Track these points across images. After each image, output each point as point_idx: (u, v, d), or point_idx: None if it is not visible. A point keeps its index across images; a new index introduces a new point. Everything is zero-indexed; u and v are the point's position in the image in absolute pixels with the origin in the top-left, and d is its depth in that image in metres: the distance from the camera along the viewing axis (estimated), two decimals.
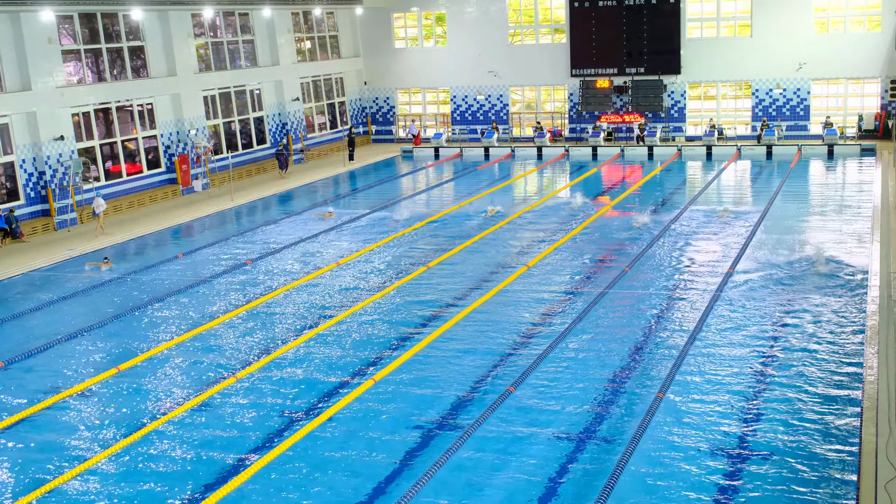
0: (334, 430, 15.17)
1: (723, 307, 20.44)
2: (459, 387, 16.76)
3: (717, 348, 18.04)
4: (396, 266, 25.38)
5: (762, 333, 18.80)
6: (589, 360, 17.85)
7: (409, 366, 17.82)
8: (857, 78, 43.52)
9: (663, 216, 30.00)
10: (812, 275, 22.43)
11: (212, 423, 15.68)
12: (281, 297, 22.88)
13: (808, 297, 20.84)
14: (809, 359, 17.26)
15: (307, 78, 47.46)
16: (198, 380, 17.67)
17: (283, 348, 19.02)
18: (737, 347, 18.07)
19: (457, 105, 50.18)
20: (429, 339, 19.09)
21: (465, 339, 19.20)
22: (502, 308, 21.16)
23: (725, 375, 16.71)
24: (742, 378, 16.62)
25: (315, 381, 17.40)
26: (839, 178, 37.82)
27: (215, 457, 14.47)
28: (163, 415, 16.03)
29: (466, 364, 17.84)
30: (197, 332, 20.37)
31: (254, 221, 32.68)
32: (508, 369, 17.48)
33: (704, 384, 16.37)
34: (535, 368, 17.27)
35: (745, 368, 17.04)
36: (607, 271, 24.01)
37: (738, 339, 18.54)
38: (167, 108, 38.06)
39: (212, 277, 24.85)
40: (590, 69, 46.68)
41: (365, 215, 32.10)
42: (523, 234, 28.80)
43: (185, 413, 16.07)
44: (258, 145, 43.91)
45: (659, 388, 16.14)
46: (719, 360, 17.41)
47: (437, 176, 42.17)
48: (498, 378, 17.08)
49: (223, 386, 17.14)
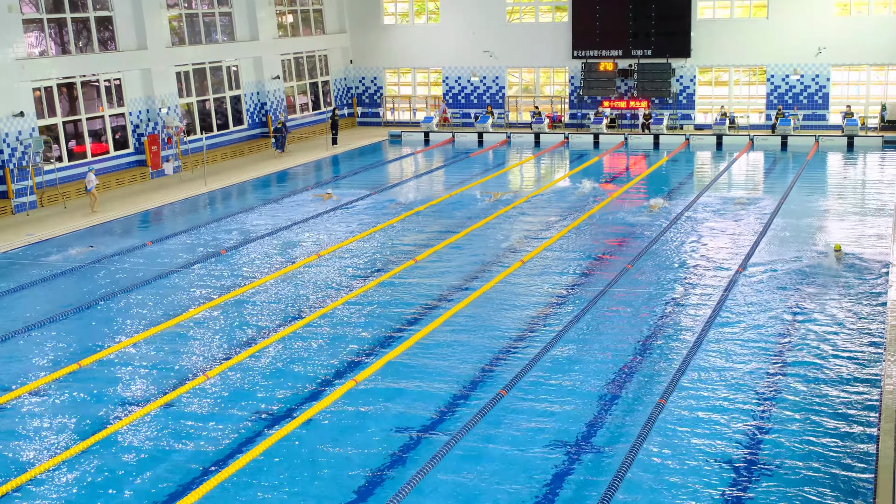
0: (312, 434, 15.10)
1: (731, 309, 20.40)
2: (447, 389, 16.69)
3: (724, 353, 18.01)
4: (383, 259, 25.32)
5: (771, 338, 18.77)
6: (586, 363, 17.80)
7: (390, 368, 17.74)
8: (881, 64, 43.55)
9: (669, 210, 29.95)
10: (826, 277, 22.41)
11: (177, 428, 15.58)
12: (256, 289, 22.79)
13: (822, 301, 20.82)
14: (823, 367, 17.24)
15: (288, 55, 47.31)
16: (163, 379, 17.56)
17: (256, 346, 18.93)
18: (745, 352, 18.03)
19: (449, 87, 50.08)
20: (415, 339, 19.02)
21: (454, 339, 19.12)
22: (494, 306, 21.08)
23: (732, 382, 16.67)
24: (750, 386, 16.57)
25: (292, 381, 17.31)
26: (859, 173, 37.84)
27: (181, 463, 14.38)
28: (122, 417, 15.92)
29: (455, 365, 17.78)
30: (165, 326, 20.27)
31: (229, 208, 32.59)
32: (500, 371, 17.41)
33: (710, 390, 16.34)
34: (528, 371, 17.21)
35: (753, 375, 17.01)
36: (608, 268, 23.98)
37: (747, 343, 18.50)
38: (136, 84, 37.87)
39: (183, 267, 24.75)
40: (593, 50, 46.63)
41: (348, 204, 32.00)
42: (518, 226, 28.74)
43: (148, 415, 15.96)
44: (234, 126, 43.78)
45: (661, 394, 16.11)
46: (726, 366, 17.37)
47: (427, 163, 42.09)
48: (489, 380, 17.02)
49: (191, 386, 17.04)
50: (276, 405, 16.31)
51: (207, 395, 16.77)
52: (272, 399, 16.55)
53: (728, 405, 15.77)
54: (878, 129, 42.87)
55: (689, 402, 15.88)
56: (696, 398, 16.05)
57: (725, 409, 15.65)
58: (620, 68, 46.31)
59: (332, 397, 16.37)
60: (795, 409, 15.55)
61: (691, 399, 16.01)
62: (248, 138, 44.24)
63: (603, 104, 46.44)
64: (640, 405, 15.90)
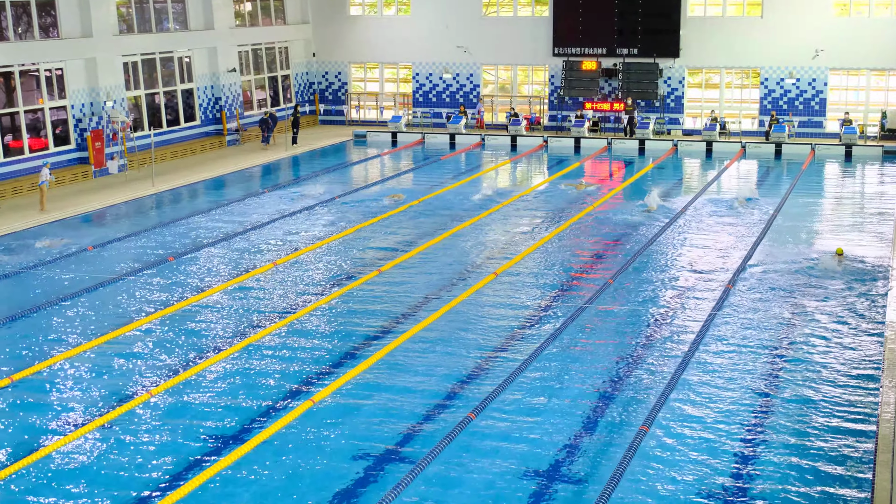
0: (263, 460, 15.02)
1: (719, 329, 20.49)
2: (413, 410, 16.66)
3: (711, 377, 18.07)
4: (344, 269, 25.28)
5: (760, 363, 18.86)
6: (562, 385, 17.82)
7: (351, 388, 17.69)
8: (882, 69, 43.96)
9: (654, 221, 30.08)
10: (817, 299, 22.56)
11: (116, 453, 15.46)
12: (205, 301, 22.68)
13: (815, 325, 20.97)
14: (815, 397, 17.35)
15: (246, 46, 47.19)
16: (101, 398, 17.42)
17: (204, 362, 18.82)
18: (732, 377, 18.12)
19: (420, 84, 50.12)
20: (379, 356, 18.98)
21: (421, 356, 19.10)
22: (465, 321, 21.08)
23: (721, 407, 16.74)
24: (738, 412, 16.65)
25: (244, 400, 17.22)
26: (857, 185, 38.13)
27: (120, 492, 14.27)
28: (56, 439, 15.76)
29: (423, 383, 17.75)
30: (105, 339, 20.11)
31: (178, 211, 32.44)
32: (470, 393, 17.40)
33: (695, 417, 16.39)
34: (501, 393, 17.20)
35: (741, 403, 17.09)
36: (587, 282, 24.03)
37: (734, 368, 18.58)
38: (80, 74, 37.65)
39: (127, 275, 24.59)
40: (575, 48, 46.80)
41: (307, 209, 31.92)
42: (492, 236, 28.79)
43: (82, 439, 15.82)
44: (186, 122, 43.58)
45: (643, 420, 16.14)
46: (713, 391, 17.43)
47: (395, 165, 42.06)
48: (457, 402, 17.00)
49: (132, 405, 16.90)
50: (225, 428, 16.19)
51: (149, 417, 16.62)
52: (221, 422, 16.43)
53: (714, 435, 15.81)
54: (878, 139, 43.20)
55: (673, 428, 15.93)
56: (682, 422, 16.11)
57: (711, 439, 15.69)
58: (604, 68, 46.46)
59: (286, 419, 16.29)
60: (785, 443, 15.64)
61: (675, 423, 16.07)
62: (200, 136, 44.07)
63: (585, 106, 46.59)
64: (620, 434, 15.93)
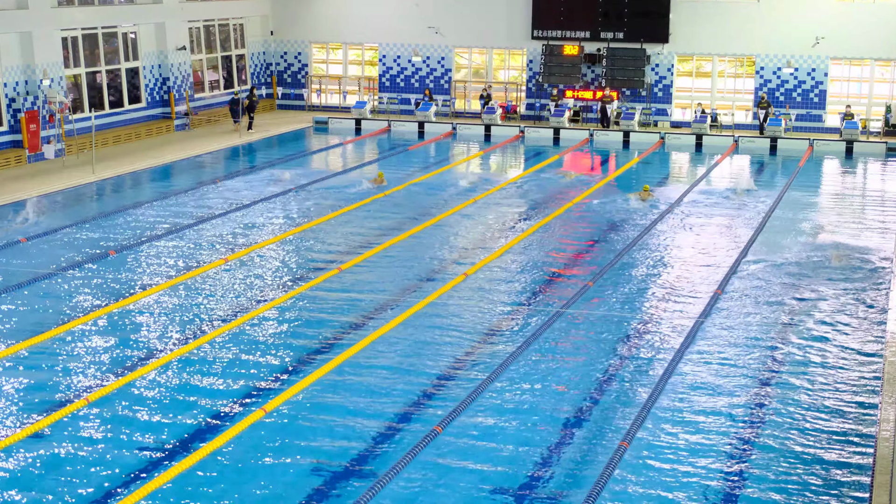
0: (212, 474, 14.91)
1: (705, 338, 20.54)
2: (375, 425, 16.60)
3: (695, 391, 18.11)
4: (301, 267, 25.27)
5: (749, 375, 18.92)
6: (537, 396, 17.81)
7: (304, 399, 17.63)
8: (886, 59, 44.20)
9: (638, 219, 30.14)
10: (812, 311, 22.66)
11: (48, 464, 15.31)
12: (147, 299, 22.57)
13: (810, 335, 21.06)
14: (809, 411, 17.39)
15: (198, 22, 46.95)
16: (32, 404, 17.25)
17: (146, 367, 18.70)
18: (719, 388, 18.16)
19: (387, 67, 49.99)
20: (335, 363, 18.90)
21: (381, 366, 19.06)
22: (430, 327, 21.06)
23: (706, 421, 16.78)
24: (724, 429, 16.69)
25: (186, 410, 17.11)
26: (858, 184, 38.33)
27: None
28: None
29: (386, 394, 17.71)
30: (37, 340, 19.95)
31: (121, 200, 32.32)
32: (437, 404, 17.36)
33: (679, 433, 16.40)
34: (469, 405, 17.15)
35: (728, 417, 17.13)
36: (565, 285, 24.04)
37: (721, 380, 18.62)
38: (13, 50, 37.35)
39: (63, 269, 24.46)
40: (556, 31, 46.80)
41: (261, 201, 31.81)
42: (462, 234, 28.81)
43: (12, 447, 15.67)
44: (130, 104, 43.33)
45: (623, 436, 16.11)
46: (697, 405, 17.47)
47: (358, 155, 42.04)
48: (423, 413, 16.95)
49: (66, 412, 16.76)
50: (164, 440, 16.07)
51: (85, 425, 16.49)
52: (160, 433, 16.31)
53: (700, 451, 15.84)
54: (882, 134, 43.41)
55: (656, 442, 15.93)
56: (665, 436, 16.12)
57: (694, 454, 15.71)
58: (587, 53, 46.50)
59: (234, 431, 16.18)
60: (775, 461, 15.67)
61: (658, 436, 16.07)
62: (146, 119, 43.82)
63: (566, 94, 46.59)
64: (598, 451, 15.90)
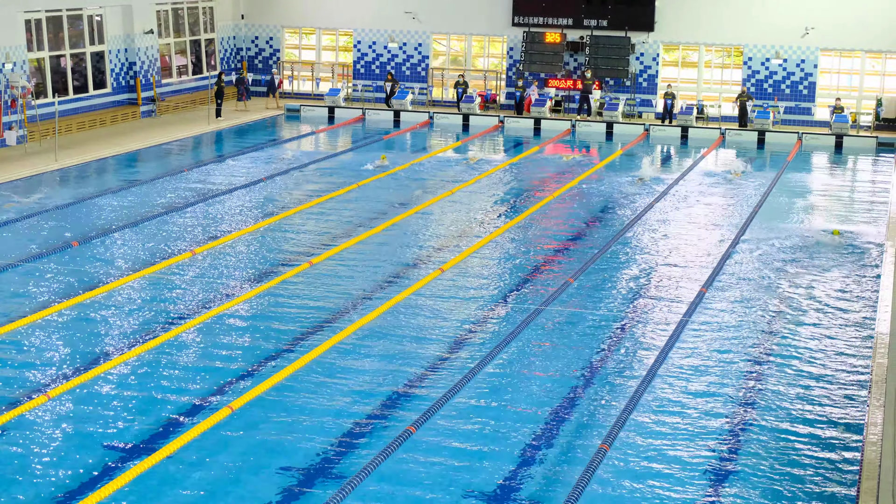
0: (176, 473, 14.88)
1: (690, 337, 20.61)
2: (346, 424, 16.60)
3: (679, 391, 18.17)
4: (268, 261, 25.24)
5: (734, 375, 19.01)
6: (513, 397, 17.82)
7: (278, 395, 17.62)
8: (878, 51, 44.34)
9: (618, 212, 30.23)
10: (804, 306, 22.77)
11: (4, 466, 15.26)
12: (111, 292, 22.49)
13: (797, 335, 21.15)
14: (796, 413, 17.47)
15: (165, 4, 46.77)
16: None
17: (105, 364, 18.62)
18: (703, 390, 18.23)
19: (362, 54, 49.92)
20: (298, 364, 18.84)
21: (348, 364, 19.07)
22: (402, 324, 21.09)
23: (688, 423, 16.84)
24: (709, 434, 16.74)
25: (147, 410, 17.08)
26: (847, 181, 38.47)
27: None
28: None
29: (357, 393, 17.72)
30: None
31: (84, 189, 32.27)
32: (409, 404, 17.36)
33: (660, 434, 16.45)
34: (443, 406, 17.15)
35: (712, 420, 17.20)
36: (544, 283, 24.06)
37: (706, 380, 18.69)
38: None
39: (23, 261, 24.38)
40: (537, 17, 46.81)
41: (228, 192, 31.75)
42: (435, 228, 28.81)
43: None
44: (96, 89, 43.12)
45: (603, 438, 16.14)
46: (681, 405, 17.54)
47: (331, 145, 41.98)
48: (395, 415, 16.96)
49: (23, 410, 16.67)
50: (128, 438, 16.03)
51: (39, 425, 16.42)
52: (123, 431, 16.28)
53: (683, 454, 15.90)
54: (872, 129, 43.49)
55: (639, 444, 15.98)
56: (649, 437, 16.16)
57: (678, 460, 15.77)
58: (570, 41, 46.52)
59: (199, 428, 16.14)
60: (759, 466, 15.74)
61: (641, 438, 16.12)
62: (111, 105, 43.62)
63: (548, 83, 46.61)
64: (577, 453, 15.94)
